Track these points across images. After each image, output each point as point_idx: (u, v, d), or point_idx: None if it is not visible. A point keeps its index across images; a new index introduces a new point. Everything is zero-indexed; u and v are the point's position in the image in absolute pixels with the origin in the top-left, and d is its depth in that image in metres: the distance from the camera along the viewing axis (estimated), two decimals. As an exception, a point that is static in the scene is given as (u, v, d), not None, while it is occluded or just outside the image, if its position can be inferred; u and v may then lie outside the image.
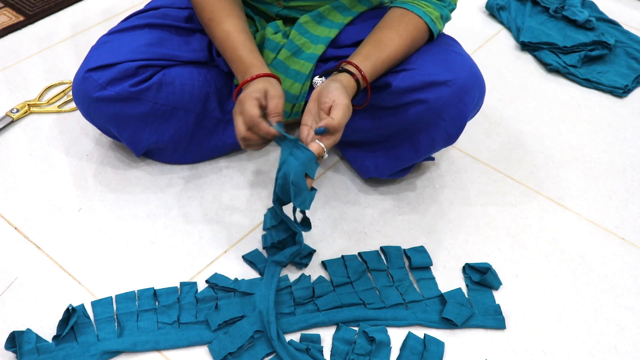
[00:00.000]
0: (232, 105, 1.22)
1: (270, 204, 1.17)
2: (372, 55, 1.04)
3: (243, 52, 1.06)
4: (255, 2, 1.19)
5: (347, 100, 0.97)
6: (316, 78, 1.07)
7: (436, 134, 1.10)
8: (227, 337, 0.96)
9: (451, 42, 1.15)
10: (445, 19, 1.11)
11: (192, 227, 1.15)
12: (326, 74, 1.06)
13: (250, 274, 1.07)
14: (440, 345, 0.98)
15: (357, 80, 1.02)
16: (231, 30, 1.08)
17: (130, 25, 1.16)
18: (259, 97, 0.98)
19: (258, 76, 1.02)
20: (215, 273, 1.05)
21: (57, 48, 1.55)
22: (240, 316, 0.99)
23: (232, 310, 0.99)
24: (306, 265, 1.09)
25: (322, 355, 0.96)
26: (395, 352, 0.98)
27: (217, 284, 1.04)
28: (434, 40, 1.13)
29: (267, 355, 0.96)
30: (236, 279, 1.05)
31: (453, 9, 1.12)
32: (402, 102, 1.08)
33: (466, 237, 1.16)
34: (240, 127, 0.98)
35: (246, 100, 0.98)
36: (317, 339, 0.98)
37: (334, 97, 0.96)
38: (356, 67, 1.02)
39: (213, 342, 0.96)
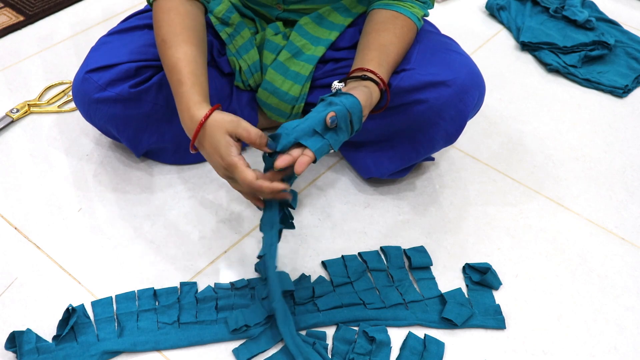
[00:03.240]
0: (233, 107, 1.22)
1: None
2: (383, 60, 1.03)
3: (185, 89, 0.96)
4: (255, 5, 1.19)
5: (365, 105, 0.95)
6: (335, 83, 1.01)
7: (436, 133, 1.10)
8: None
9: (449, 41, 1.15)
10: (424, 17, 1.12)
11: (192, 227, 1.15)
12: (344, 80, 1.02)
13: (250, 274, 1.07)
14: (440, 345, 0.98)
15: (380, 89, 1.01)
16: (181, 58, 0.98)
17: (130, 25, 1.16)
18: (235, 151, 0.90)
19: (201, 123, 0.92)
20: (217, 283, 1.05)
21: (57, 48, 1.55)
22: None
23: (255, 315, 0.99)
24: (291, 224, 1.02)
25: (327, 353, 0.96)
26: (395, 351, 0.98)
27: (234, 284, 1.04)
28: (433, 40, 1.13)
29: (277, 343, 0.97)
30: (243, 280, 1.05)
31: (431, 8, 1.12)
32: (402, 102, 1.08)
33: (466, 237, 1.16)
34: (247, 197, 0.96)
35: (234, 168, 0.89)
36: (322, 336, 0.98)
37: (356, 94, 0.94)
38: (376, 74, 1.01)
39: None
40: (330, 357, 0.96)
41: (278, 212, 0.96)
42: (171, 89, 1.00)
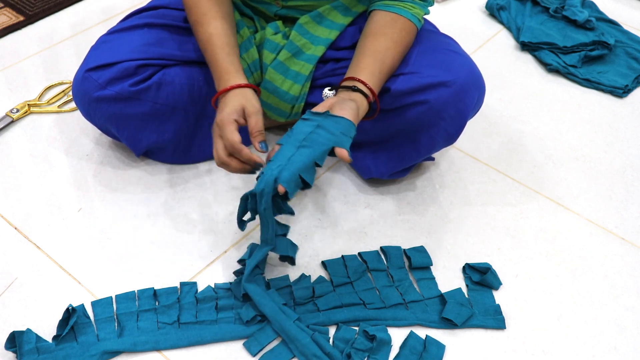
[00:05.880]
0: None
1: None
2: (376, 69, 1.03)
3: (220, 56, 1.05)
4: (254, 2, 1.19)
5: (354, 122, 0.98)
6: (326, 90, 1.05)
7: (436, 133, 1.10)
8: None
9: (449, 41, 1.15)
10: (425, 15, 1.12)
11: (192, 227, 1.15)
12: (336, 88, 1.05)
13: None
14: (440, 347, 0.98)
15: (369, 102, 1.02)
16: (213, 33, 1.06)
17: (130, 25, 1.16)
18: (237, 118, 0.98)
19: (232, 87, 1.01)
20: (217, 283, 1.05)
21: (57, 48, 1.55)
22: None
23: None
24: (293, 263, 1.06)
25: (328, 343, 0.96)
26: (395, 350, 0.98)
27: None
28: (432, 40, 1.13)
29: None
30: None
31: (431, 5, 1.13)
32: (402, 104, 1.08)
33: (466, 237, 1.16)
34: (220, 152, 0.99)
35: (225, 125, 0.97)
36: (325, 331, 0.99)
37: (346, 115, 0.97)
38: (365, 85, 1.01)
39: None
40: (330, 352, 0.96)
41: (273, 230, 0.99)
42: (206, 61, 1.08)
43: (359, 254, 1.11)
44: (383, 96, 1.09)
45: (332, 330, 1.00)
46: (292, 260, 1.05)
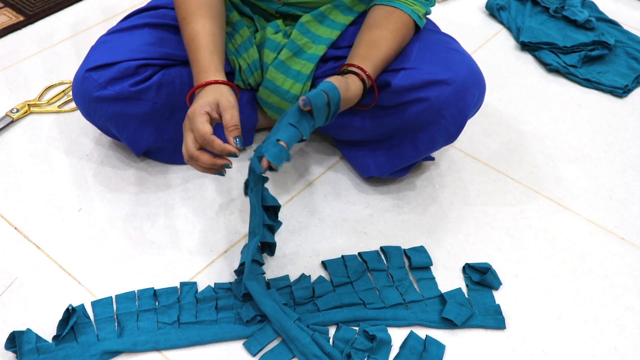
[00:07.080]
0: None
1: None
2: (370, 54, 1.04)
3: (202, 54, 1.02)
4: (255, 0, 1.19)
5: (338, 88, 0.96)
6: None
7: (437, 132, 1.10)
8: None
9: (449, 39, 1.15)
10: (426, 14, 1.13)
11: (192, 227, 1.15)
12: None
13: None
14: (440, 347, 0.98)
15: (362, 80, 1.02)
16: (199, 32, 1.04)
17: (130, 25, 1.16)
18: (209, 111, 0.94)
19: (209, 83, 0.98)
20: (217, 283, 1.05)
21: (57, 48, 1.55)
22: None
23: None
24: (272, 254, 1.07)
25: (328, 343, 0.96)
26: (395, 350, 0.98)
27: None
28: (433, 39, 1.13)
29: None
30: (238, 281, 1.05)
31: (433, 5, 1.13)
32: (402, 101, 1.08)
33: (466, 237, 1.16)
34: (190, 145, 0.94)
35: (196, 116, 0.93)
36: (325, 331, 0.99)
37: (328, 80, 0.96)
38: (358, 67, 1.02)
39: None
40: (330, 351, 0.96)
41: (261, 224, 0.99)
42: (189, 59, 1.05)
43: (359, 254, 1.11)
44: (384, 92, 1.09)
45: (332, 330, 1.00)
46: (270, 251, 1.03)
